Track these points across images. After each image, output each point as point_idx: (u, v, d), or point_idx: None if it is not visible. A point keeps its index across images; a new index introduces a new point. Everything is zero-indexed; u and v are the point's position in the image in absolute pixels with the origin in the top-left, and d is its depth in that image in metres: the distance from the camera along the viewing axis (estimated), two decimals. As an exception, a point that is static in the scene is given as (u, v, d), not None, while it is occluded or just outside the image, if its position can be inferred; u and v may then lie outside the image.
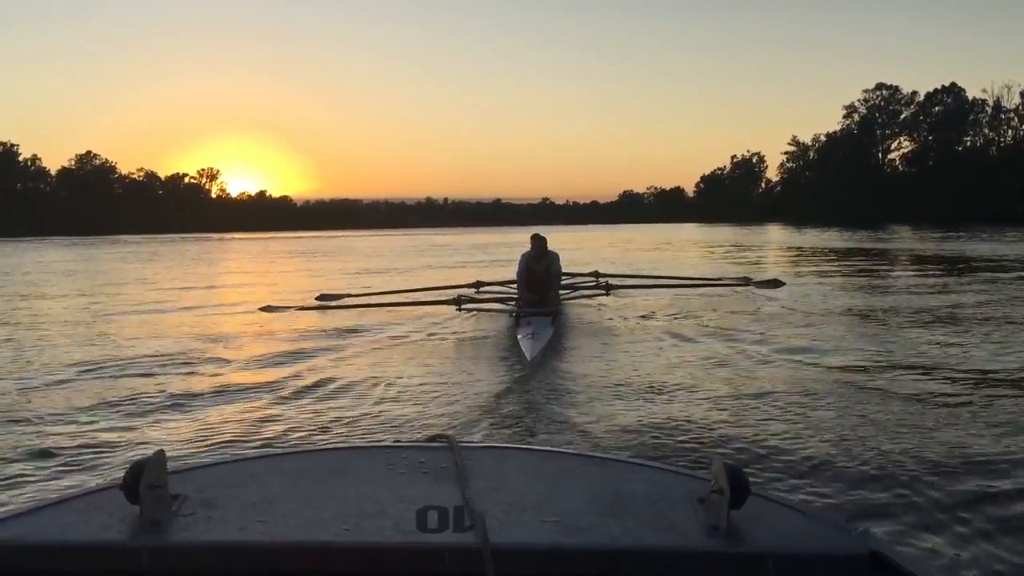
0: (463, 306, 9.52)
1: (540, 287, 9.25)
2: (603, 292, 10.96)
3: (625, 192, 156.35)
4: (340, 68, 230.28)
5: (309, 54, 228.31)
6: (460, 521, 1.36)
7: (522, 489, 1.49)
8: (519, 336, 7.68)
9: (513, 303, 9.48)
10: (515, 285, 9.80)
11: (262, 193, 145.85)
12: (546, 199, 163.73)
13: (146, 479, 1.34)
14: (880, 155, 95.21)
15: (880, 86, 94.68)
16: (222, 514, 1.39)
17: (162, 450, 1.43)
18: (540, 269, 9.39)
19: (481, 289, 11.12)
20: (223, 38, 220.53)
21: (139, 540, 1.30)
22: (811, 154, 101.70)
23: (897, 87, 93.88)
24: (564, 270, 10.50)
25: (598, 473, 1.61)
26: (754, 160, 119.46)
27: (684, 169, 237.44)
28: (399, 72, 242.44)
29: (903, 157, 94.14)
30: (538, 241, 9.50)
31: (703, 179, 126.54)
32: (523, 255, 9.54)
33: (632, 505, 1.44)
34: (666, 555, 1.30)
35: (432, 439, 1.79)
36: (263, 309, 10.48)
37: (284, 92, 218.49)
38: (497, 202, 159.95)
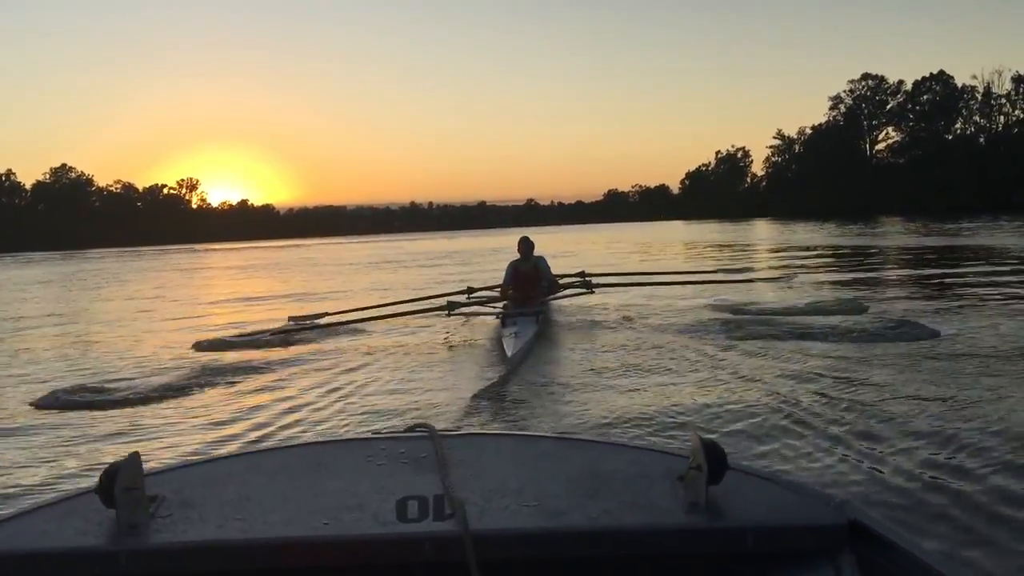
0: (453, 311, 9.86)
1: (528, 285, 9.97)
2: (588, 291, 11.19)
3: (610, 191, 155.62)
4: (323, 75, 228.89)
5: (291, 62, 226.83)
6: (440, 509, 1.36)
7: (502, 475, 1.48)
8: (503, 335, 7.98)
9: (502, 306, 9.86)
10: (504, 288, 10.37)
11: (244, 202, 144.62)
12: (531, 200, 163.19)
13: (121, 482, 1.31)
14: (867, 146, 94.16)
15: (866, 76, 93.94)
16: (200, 514, 1.37)
17: (136, 452, 1.38)
18: (528, 268, 10.17)
19: (472, 295, 11.47)
20: (203, 48, 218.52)
21: (116, 544, 1.29)
22: (797, 147, 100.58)
23: (883, 77, 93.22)
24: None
25: (577, 455, 1.60)
26: (739, 155, 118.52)
27: (668, 166, 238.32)
28: (382, 78, 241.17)
29: (890, 147, 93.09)
30: (526, 243, 10.37)
31: (688, 175, 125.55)
32: (512, 261, 10.39)
33: (611, 485, 1.44)
34: (646, 533, 1.31)
35: (412, 429, 1.75)
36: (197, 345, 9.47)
37: (266, 100, 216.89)
38: (482, 205, 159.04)
